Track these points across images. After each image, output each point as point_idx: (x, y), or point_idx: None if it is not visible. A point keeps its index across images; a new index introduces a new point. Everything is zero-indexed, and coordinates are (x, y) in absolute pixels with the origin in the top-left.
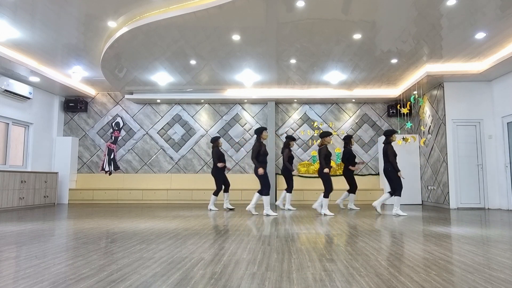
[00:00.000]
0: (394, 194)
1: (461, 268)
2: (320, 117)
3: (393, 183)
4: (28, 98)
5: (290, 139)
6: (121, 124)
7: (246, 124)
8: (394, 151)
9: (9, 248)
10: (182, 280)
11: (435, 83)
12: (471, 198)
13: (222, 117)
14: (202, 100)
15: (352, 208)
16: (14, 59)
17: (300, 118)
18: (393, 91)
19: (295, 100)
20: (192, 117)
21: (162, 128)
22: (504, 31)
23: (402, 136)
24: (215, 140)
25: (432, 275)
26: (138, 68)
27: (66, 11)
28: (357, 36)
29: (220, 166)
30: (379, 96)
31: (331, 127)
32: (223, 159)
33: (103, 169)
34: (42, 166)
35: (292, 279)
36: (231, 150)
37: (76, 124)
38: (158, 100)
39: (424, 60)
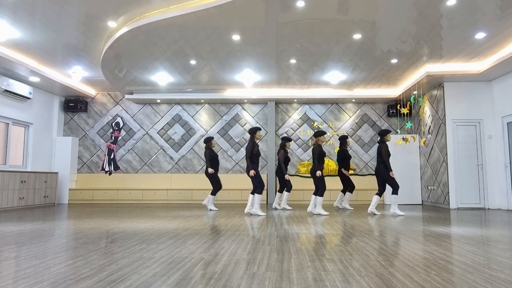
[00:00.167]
0: (392, 193)
1: (461, 268)
2: (320, 117)
3: (387, 183)
4: (28, 98)
5: (285, 140)
6: (121, 124)
7: (246, 124)
8: (388, 150)
9: (9, 248)
10: (182, 280)
11: (435, 83)
12: (471, 198)
13: (222, 117)
14: (202, 100)
15: (346, 207)
16: (14, 59)
17: (300, 118)
18: (393, 91)
19: (295, 100)
20: (192, 117)
21: (162, 128)
22: (504, 31)
23: (402, 136)
24: (208, 141)
25: (432, 275)
26: (138, 68)
27: (66, 11)
28: (357, 36)
29: (210, 172)
30: (379, 96)
31: (331, 127)
32: (215, 160)
33: (103, 169)
34: (42, 166)
35: (292, 279)
36: (231, 150)
37: (76, 124)
38: (158, 100)
39: (424, 60)
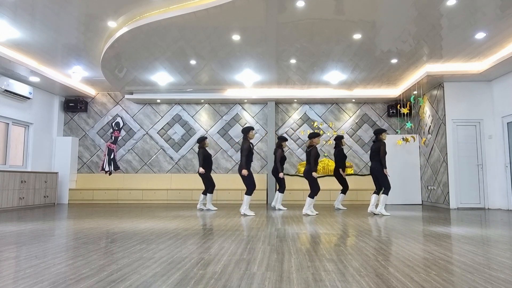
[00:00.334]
0: (382, 192)
1: (461, 268)
2: (320, 117)
3: (380, 182)
4: (28, 98)
5: (282, 139)
6: (121, 124)
7: (246, 124)
8: (385, 149)
9: (9, 248)
10: (182, 280)
11: (435, 83)
12: (471, 198)
13: (222, 117)
14: (202, 100)
15: (339, 207)
16: (14, 59)
17: (300, 118)
18: (393, 91)
19: (295, 100)
20: (192, 117)
21: (162, 128)
22: (504, 31)
23: (402, 136)
24: (202, 141)
25: (432, 275)
26: (138, 68)
27: (66, 11)
28: (357, 36)
29: (201, 172)
30: (379, 96)
31: (331, 127)
32: (208, 160)
33: (103, 169)
34: (42, 166)
35: (292, 279)
36: (231, 150)
37: (76, 124)
38: (158, 100)
39: (424, 60)
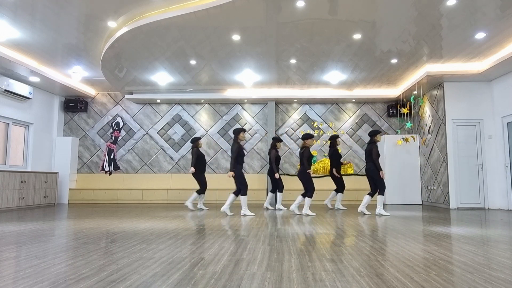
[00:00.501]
0: (378, 193)
1: (461, 268)
2: (320, 117)
3: (376, 183)
4: (28, 98)
5: (276, 140)
6: (121, 124)
7: (246, 124)
8: (378, 151)
9: (9, 248)
10: (182, 280)
11: (435, 83)
12: (471, 198)
13: (222, 117)
14: (202, 100)
15: (339, 207)
16: (14, 59)
17: (300, 118)
18: (393, 91)
19: (295, 100)
20: (192, 117)
21: (162, 128)
22: (504, 31)
23: (402, 136)
24: (195, 141)
25: (432, 275)
26: (138, 68)
27: (66, 11)
28: (357, 36)
29: (191, 172)
30: (379, 96)
31: (331, 127)
32: (201, 160)
33: (103, 169)
34: (42, 166)
35: (292, 279)
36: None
37: (76, 124)
38: (158, 100)
39: (424, 60)
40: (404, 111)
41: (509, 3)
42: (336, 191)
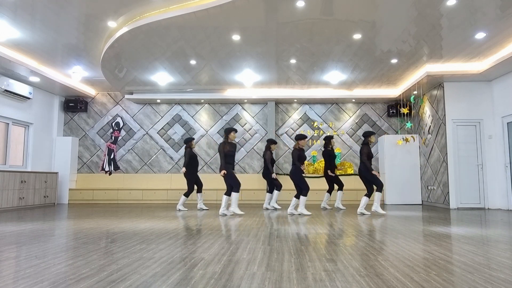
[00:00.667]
0: (376, 190)
1: (461, 268)
2: (320, 117)
3: (372, 181)
4: (28, 98)
5: (271, 142)
6: (121, 124)
7: (246, 124)
8: (368, 151)
9: (9, 248)
10: (182, 280)
11: (435, 83)
12: (471, 198)
13: (222, 117)
14: (202, 100)
15: (325, 207)
16: (14, 59)
17: (300, 118)
18: (393, 91)
19: (295, 100)
20: (192, 117)
21: (162, 128)
22: (504, 31)
23: (402, 136)
24: (189, 141)
25: (432, 275)
26: (138, 68)
27: (66, 11)
28: (357, 36)
29: (182, 172)
30: (379, 96)
31: (331, 127)
32: (193, 161)
33: (103, 169)
34: (42, 166)
35: (292, 279)
36: None
37: (76, 124)
38: (158, 100)
39: (424, 60)
40: (404, 111)
41: (509, 3)
42: (328, 191)
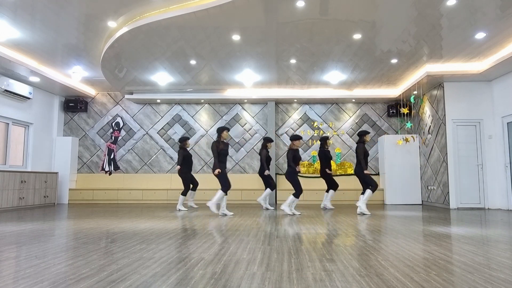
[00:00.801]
0: (369, 189)
1: (461, 268)
2: (320, 117)
3: (366, 181)
4: (28, 98)
5: (267, 140)
6: (121, 124)
7: (246, 124)
8: (364, 150)
9: (9, 248)
10: (182, 280)
11: (435, 83)
12: (471, 198)
13: (222, 117)
14: (202, 100)
15: (326, 206)
16: (14, 59)
17: (300, 118)
18: (393, 91)
19: (295, 100)
20: (192, 117)
21: (162, 128)
22: (504, 31)
23: (402, 136)
24: (183, 141)
25: (432, 275)
26: (138, 68)
27: (66, 11)
28: (357, 36)
29: (177, 169)
30: (379, 96)
31: (331, 127)
32: (187, 160)
33: (103, 169)
34: (42, 166)
35: (292, 279)
36: (231, 150)
37: (76, 124)
38: (158, 100)
39: (424, 60)
40: (404, 111)
41: (509, 3)
42: (327, 191)
